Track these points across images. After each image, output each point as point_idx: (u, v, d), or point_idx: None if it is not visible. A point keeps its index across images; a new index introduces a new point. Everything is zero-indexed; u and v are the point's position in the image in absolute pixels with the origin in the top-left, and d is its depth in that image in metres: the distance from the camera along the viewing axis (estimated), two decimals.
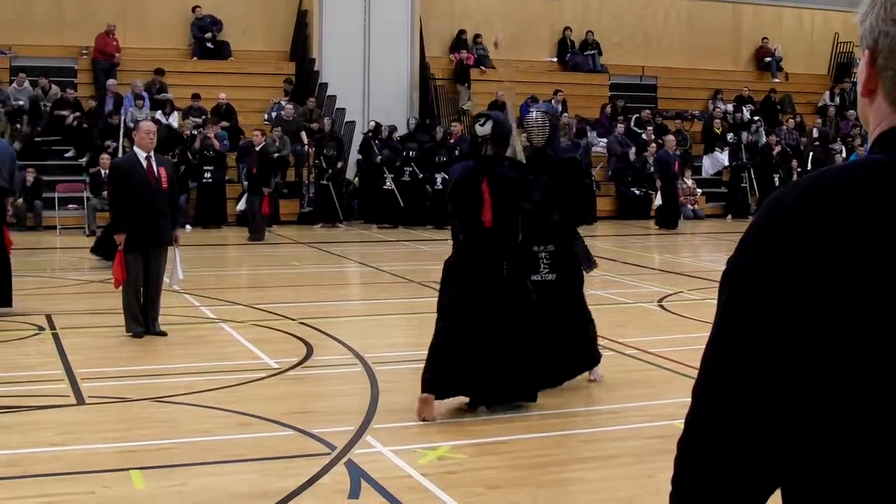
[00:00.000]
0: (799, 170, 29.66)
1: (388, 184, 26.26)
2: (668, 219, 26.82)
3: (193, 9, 29.92)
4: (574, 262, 9.62)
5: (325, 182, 26.07)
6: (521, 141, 9.73)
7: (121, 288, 11.86)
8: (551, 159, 9.66)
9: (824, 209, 1.74)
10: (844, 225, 1.71)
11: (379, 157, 26.51)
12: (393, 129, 27.37)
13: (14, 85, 26.98)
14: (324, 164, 26.07)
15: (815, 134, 32.25)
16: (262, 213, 23.04)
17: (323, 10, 30.14)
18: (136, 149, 12.05)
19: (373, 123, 27.57)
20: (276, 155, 25.51)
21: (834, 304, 1.71)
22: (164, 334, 11.91)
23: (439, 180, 25.99)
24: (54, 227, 23.92)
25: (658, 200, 26.98)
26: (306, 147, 27.26)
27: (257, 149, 23.74)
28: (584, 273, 9.77)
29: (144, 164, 11.84)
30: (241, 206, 24.35)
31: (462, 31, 32.52)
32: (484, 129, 8.74)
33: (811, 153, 22.15)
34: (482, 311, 8.52)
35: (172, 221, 12.06)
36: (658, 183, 27.07)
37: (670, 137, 28.54)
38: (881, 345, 1.69)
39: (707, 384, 1.85)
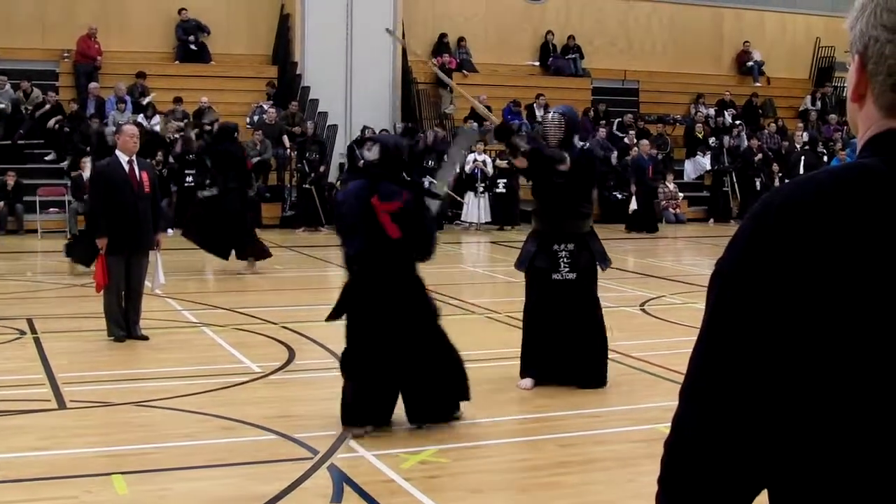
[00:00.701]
0: (781, 174, 29.79)
1: None
2: (646, 223, 26.80)
3: (180, 11, 29.86)
4: (591, 261, 9.84)
5: (307, 186, 26.06)
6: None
7: (102, 292, 11.83)
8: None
9: (813, 211, 1.75)
10: (833, 227, 1.73)
11: (361, 162, 26.44)
12: (373, 132, 27.33)
13: None
14: (306, 168, 26.06)
15: (806, 138, 32.34)
16: None
17: (305, 13, 30.12)
18: (118, 152, 11.98)
19: (365, 131, 27.57)
20: (256, 159, 25.43)
21: (822, 307, 1.72)
22: (145, 338, 11.89)
23: (426, 184, 26.01)
24: (35, 231, 23.85)
25: (633, 205, 26.96)
26: (288, 151, 27.25)
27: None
28: (599, 271, 9.99)
29: (126, 168, 11.80)
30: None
31: (444, 35, 32.53)
32: (371, 155, 8.28)
33: (803, 157, 22.21)
34: (390, 335, 8.05)
35: (154, 226, 12.00)
36: (633, 188, 27.06)
37: (644, 142, 28.55)
38: (869, 347, 1.71)
39: (694, 385, 1.86)
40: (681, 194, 30.49)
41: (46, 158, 26.42)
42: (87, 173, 22.74)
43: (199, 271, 17.55)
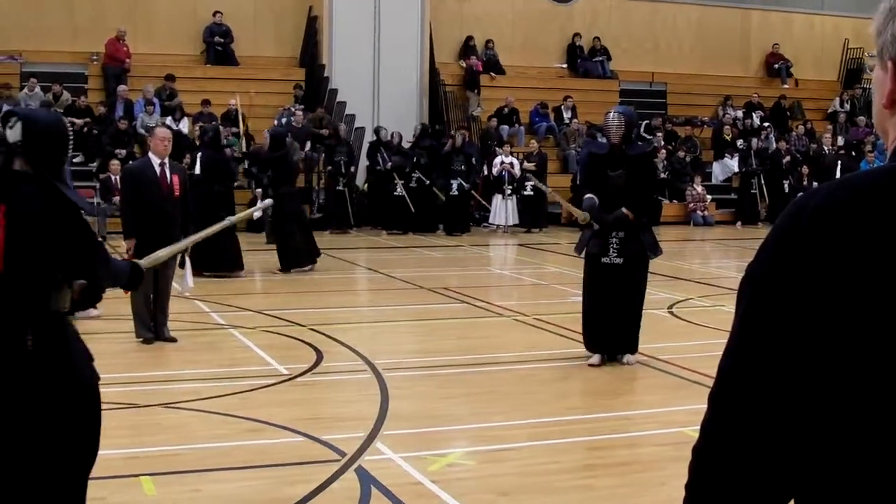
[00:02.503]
0: (811, 177, 29.68)
1: (398, 190, 26.28)
2: None
3: (214, 13, 29.96)
4: (640, 249, 10.75)
5: (341, 188, 26.15)
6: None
7: (130, 294, 11.85)
8: (628, 155, 10.67)
9: (848, 216, 1.72)
10: (868, 232, 1.70)
11: (389, 164, 26.51)
12: (399, 135, 27.38)
13: (25, 90, 27.05)
14: (336, 170, 26.09)
15: (841, 142, 32.16)
16: None
17: (333, 16, 30.17)
18: (150, 155, 12.07)
19: (381, 131, 27.63)
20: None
21: (855, 312, 1.70)
22: (174, 340, 11.93)
23: (454, 186, 26.14)
24: None
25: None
26: (315, 154, 27.30)
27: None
28: (650, 258, 10.97)
29: (158, 170, 11.88)
30: (258, 212, 24.16)
31: (470, 38, 32.54)
32: (13, 134, 5.51)
33: (839, 161, 22.09)
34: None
35: (184, 229, 11.92)
36: None
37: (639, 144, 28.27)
38: None
39: (724, 391, 1.85)
40: (709, 197, 30.41)
41: (75, 160, 26.51)
42: (115, 176, 22.90)
43: (227, 272, 17.56)
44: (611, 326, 10.73)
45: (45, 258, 5.44)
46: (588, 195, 10.71)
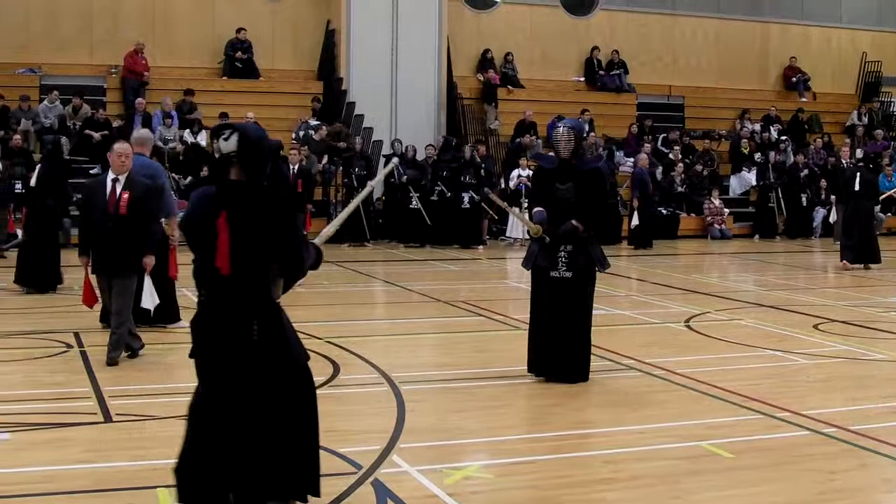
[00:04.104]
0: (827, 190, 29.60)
1: (414, 203, 26.31)
2: (643, 238, 26.67)
3: (238, 30, 30.03)
4: (589, 263, 10.61)
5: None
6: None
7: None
8: (577, 169, 10.61)
9: None
10: None
11: (405, 177, 26.55)
12: (413, 148, 27.44)
13: (45, 103, 27.17)
14: (354, 183, 26.13)
15: (860, 154, 32.09)
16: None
17: (351, 29, 30.26)
18: (110, 170, 11.63)
19: (395, 144, 27.71)
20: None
21: None
22: (114, 364, 11.32)
23: (466, 199, 26.14)
24: None
25: (635, 220, 26.70)
26: (332, 167, 27.36)
27: (294, 168, 23.57)
28: (598, 272, 10.79)
29: (109, 186, 11.41)
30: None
31: (487, 51, 32.60)
32: (228, 145, 6.34)
33: (858, 174, 22.07)
34: (231, 391, 6.39)
35: (141, 248, 11.50)
36: (635, 203, 26.81)
37: (643, 156, 28.09)
38: None
39: None
40: (726, 210, 30.39)
41: (92, 172, 26.60)
42: None
43: None
44: (557, 346, 10.49)
45: (266, 255, 6.31)
46: (537, 209, 10.61)
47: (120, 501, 6.89)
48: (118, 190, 11.39)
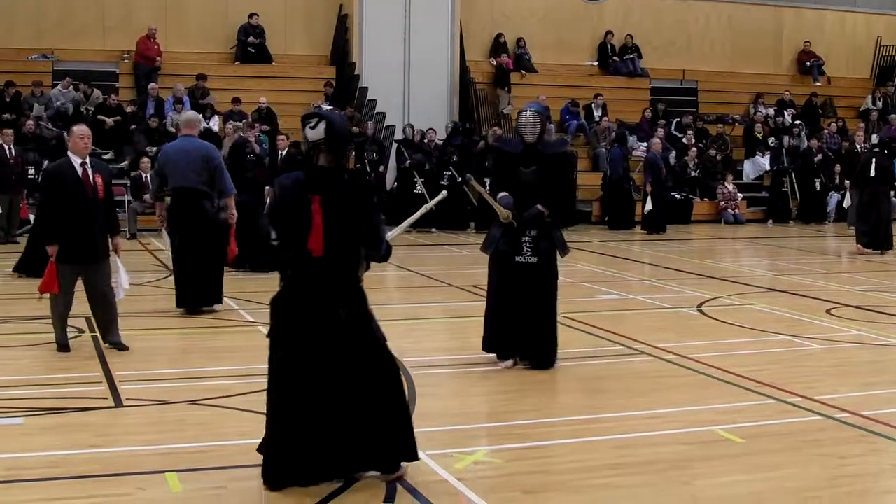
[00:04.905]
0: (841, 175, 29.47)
1: (418, 187, 26.29)
2: (657, 223, 26.63)
3: (250, 16, 30.01)
4: (553, 247, 10.62)
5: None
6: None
7: (49, 296, 11.19)
8: (542, 153, 10.61)
9: None
10: None
11: (407, 162, 26.53)
12: (420, 133, 27.41)
13: (59, 88, 27.19)
14: (368, 168, 26.10)
15: (874, 139, 31.92)
16: None
17: (363, 14, 30.22)
18: (70, 154, 11.18)
19: (406, 129, 27.69)
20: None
21: None
22: (125, 348, 11.29)
23: (488, 184, 26.08)
24: None
25: (648, 205, 26.61)
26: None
27: (283, 153, 23.39)
28: (560, 257, 10.78)
29: (80, 170, 11.10)
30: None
31: (500, 35, 32.53)
32: (315, 133, 6.77)
33: (874, 159, 21.98)
34: (316, 369, 6.72)
35: (110, 230, 11.38)
36: (648, 187, 26.72)
37: (655, 140, 27.89)
38: None
39: None
40: (740, 195, 30.29)
41: (105, 158, 26.64)
42: (146, 173, 22.99)
43: (255, 271, 17.57)
44: (523, 329, 10.49)
45: (356, 237, 6.80)
46: (503, 193, 10.53)
47: (130, 486, 6.89)
48: (90, 174, 11.13)
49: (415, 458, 7.03)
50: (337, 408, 6.71)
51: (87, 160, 11.20)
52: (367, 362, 6.80)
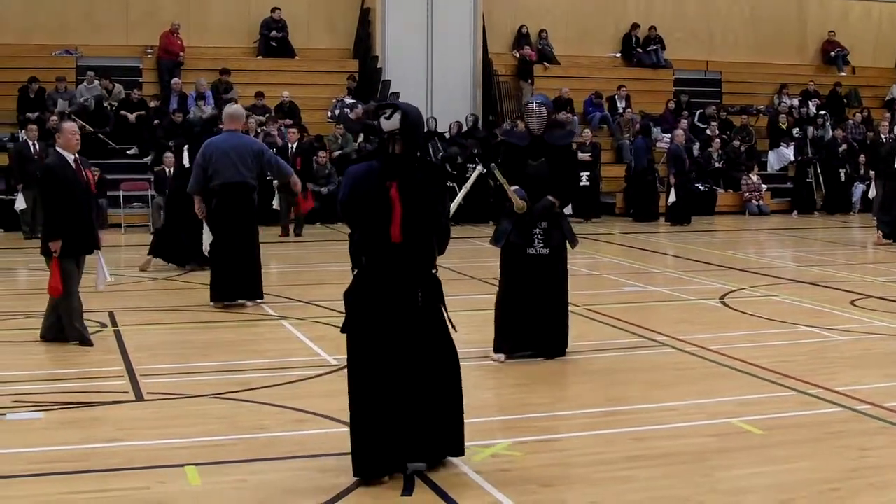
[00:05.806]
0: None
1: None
2: (681, 215, 26.50)
3: (273, 10, 30.03)
4: (563, 238, 10.73)
5: None
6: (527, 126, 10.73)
7: (59, 298, 11.22)
8: (549, 145, 10.69)
9: None
10: None
11: (440, 155, 26.51)
12: (458, 125, 27.42)
13: (84, 84, 27.29)
14: None
15: None
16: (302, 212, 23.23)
17: (385, 7, 30.24)
18: (61, 150, 11.30)
19: (430, 122, 27.69)
20: (338, 152, 25.53)
21: None
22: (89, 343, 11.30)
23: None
24: (119, 226, 24.13)
25: (672, 197, 26.50)
26: (368, 146, 27.34)
27: (293, 146, 23.45)
28: (570, 248, 10.91)
29: (74, 166, 11.25)
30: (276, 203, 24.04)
31: (522, 26, 32.47)
32: (391, 123, 6.93)
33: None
34: (398, 355, 6.88)
35: (100, 224, 11.70)
36: (672, 179, 26.62)
37: (679, 132, 27.75)
38: None
39: None
40: (764, 186, 30.18)
41: (129, 153, 26.76)
42: (169, 168, 23.02)
43: (278, 264, 17.63)
44: (535, 322, 10.56)
45: (431, 223, 7.04)
46: (515, 187, 10.53)
47: (150, 480, 6.91)
48: (83, 169, 11.38)
49: (461, 452, 7.18)
50: (415, 393, 6.92)
51: (77, 156, 11.39)
52: (437, 350, 7.06)
